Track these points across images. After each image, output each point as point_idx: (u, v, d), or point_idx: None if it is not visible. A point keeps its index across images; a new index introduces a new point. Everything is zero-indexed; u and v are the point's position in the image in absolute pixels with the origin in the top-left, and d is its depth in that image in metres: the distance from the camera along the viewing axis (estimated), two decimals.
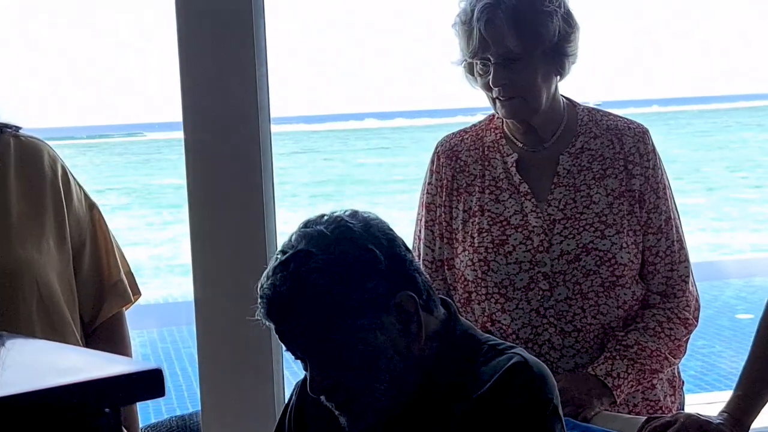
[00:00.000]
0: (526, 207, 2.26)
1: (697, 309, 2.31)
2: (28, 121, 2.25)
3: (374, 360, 1.71)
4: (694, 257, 2.36)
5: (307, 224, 1.75)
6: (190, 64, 2.54)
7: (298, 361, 1.77)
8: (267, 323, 1.73)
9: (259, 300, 1.72)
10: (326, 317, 1.68)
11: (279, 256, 1.72)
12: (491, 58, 2.20)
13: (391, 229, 1.79)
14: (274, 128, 2.62)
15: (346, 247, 1.70)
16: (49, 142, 2.28)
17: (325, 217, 1.75)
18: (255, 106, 2.53)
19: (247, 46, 2.52)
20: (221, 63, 2.53)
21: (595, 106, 2.41)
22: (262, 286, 1.71)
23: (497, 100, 2.24)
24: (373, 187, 28.02)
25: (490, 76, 2.21)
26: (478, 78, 2.26)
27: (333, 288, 1.68)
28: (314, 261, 1.68)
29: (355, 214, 1.76)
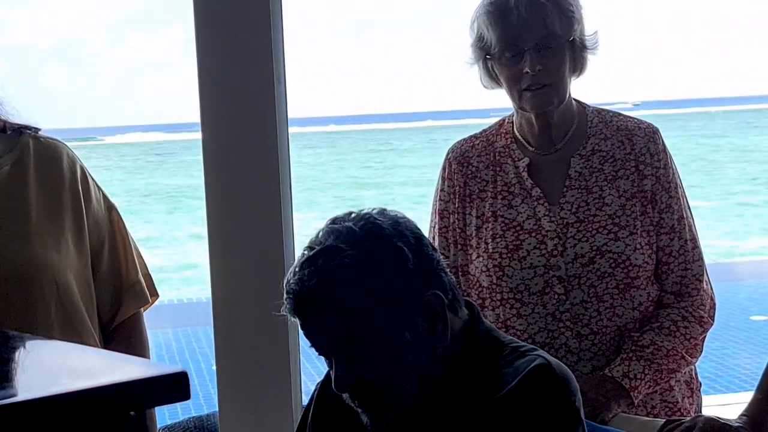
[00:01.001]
0: (538, 211, 2.27)
1: (713, 307, 2.31)
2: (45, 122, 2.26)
3: (401, 357, 1.72)
4: (707, 259, 2.35)
5: (334, 221, 1.75)
6: (208, 65, 2.54)
7: (322, 357, 1.77)
8: (293, 319, 1.73)
9: (285, 296, 1.72)
10: (354, 313, 1.69)
11: (306, 252, 1.72)
12: (525, 46, 2.20)
13: (419, 229, 1.80)
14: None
15: (375, 243, 1.70)
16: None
17: (353, 215, 1.76)
18: (273, 108, 2.54)
19: (265, 47, 2.53)
20: (239, 63, 2.54)
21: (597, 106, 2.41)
22: (288, 282, 1.71)
23: (525, 92, 2.24)
24: (386, 189, 28.11)
25: (525, 63, 2.21)
26: (504, 71, 2.25)
27: (361, 284, 1.68)
28: (343, 256, 1.68)
29: (383, 212, 1.77)
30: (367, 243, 1.70)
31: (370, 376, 1.72)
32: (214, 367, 2.61)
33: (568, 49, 2.24)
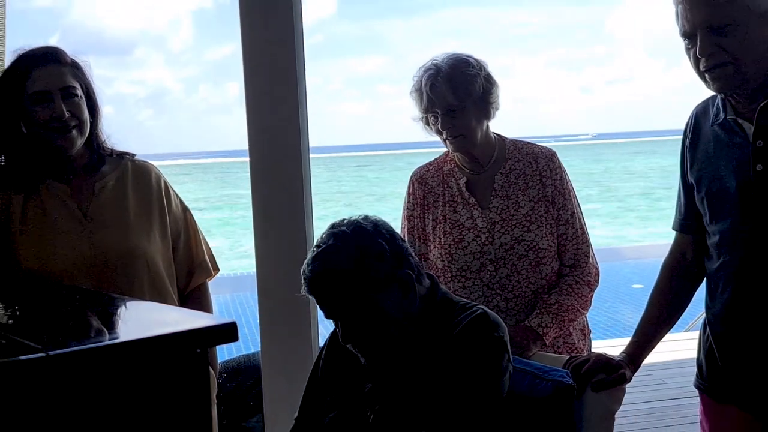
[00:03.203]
0: (474, 214, 2.25)
1: (597, 274, 2.29)
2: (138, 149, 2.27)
3: (386, 317, 1.72)
4: (602, 245, 2.36)
5: (333, 226, 1.76)
6: (254, 109, 2.55)
7: (330, 320, 1.78)
8: (310, 297, 1.74)
9: (303, 281, 1.72)
10: (352, 290, 1.69)
11: (315, 250, 1.72)
12: (439, 111, 2.20)
13: (392, 227, 1.80)
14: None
15: (362, 242, 1.71)
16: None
17: (345, 221, 1.76)
18: (298, 139, 2.54)
19: (293, 98, 2.52)
20: (275, 107, 2.54)
21: (519, 138, 2.38)
22: (304, 271, 1.72)
23: (447, 140, 2.24)
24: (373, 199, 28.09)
25: (439, 124, 2.21)
26: (432, 126, 2.25)
27: (356, 271, 1.69)
28: (341, 252, 1.69)
29: (366, 217, 1.77)
30: (358, 241, 1.70)
31: (367, 331, 1.73)
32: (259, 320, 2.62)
33: (472, 108, 2.21)
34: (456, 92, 2.18)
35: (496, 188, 2.28)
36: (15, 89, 2.03)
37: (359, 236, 1.71)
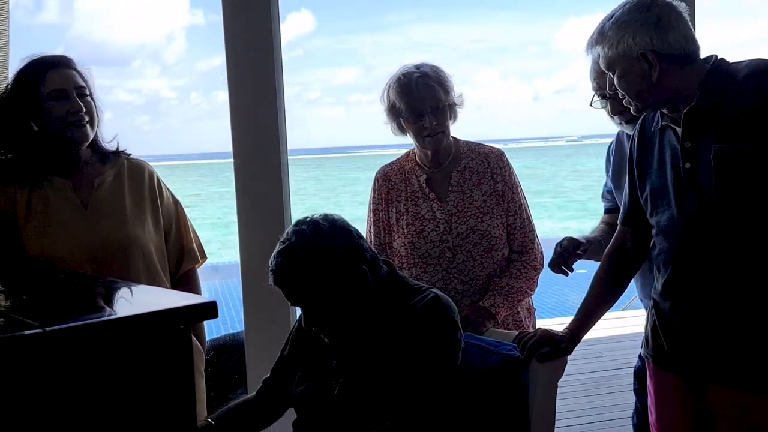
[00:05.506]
0: (433, 206, 2.26)
1: (542, 259, 2.30)
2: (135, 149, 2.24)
3: (340, 307, 1.73)
4: (549, 235, 2.37)
5: (297, 223, 1.75)
6: (237, 116, 2.54)
7: (297, 307, 1.79)
8: (276, 287, 1.74)
9: (270, 273, 1.72)
10: (310, 286, 1.69)
11: (280, 245, 1.71)
12: (423, 110, 2.20)
13: (349, 224, 1.78)
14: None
15: (319, 241, 1.70)
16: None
17: (308, 219, 1.74)
18: (277, 139, 2.54)
19: (273, 103, 2.53)
20: (257, 113, 2.54)
21: (475, 140, 2.39)
22: (270, 264, 1.72)
23: (426, 138, 2.23)
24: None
25: (425, 121, 2.20)
26: (412, 126, 2.24)
27: (312, 267, 1.68)
28: (299, 251, 1.69)
29: (326, 216, 1.75)
30: (314, 241, 1.69)
31: (326, 317, 1.74)
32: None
33: (448, 108, 2.24)
34: (445, 90, 2.21)
35: (452, 184, 2.28)
36: (30, 90, 2.03)
37: (317, 235, 1.70)
